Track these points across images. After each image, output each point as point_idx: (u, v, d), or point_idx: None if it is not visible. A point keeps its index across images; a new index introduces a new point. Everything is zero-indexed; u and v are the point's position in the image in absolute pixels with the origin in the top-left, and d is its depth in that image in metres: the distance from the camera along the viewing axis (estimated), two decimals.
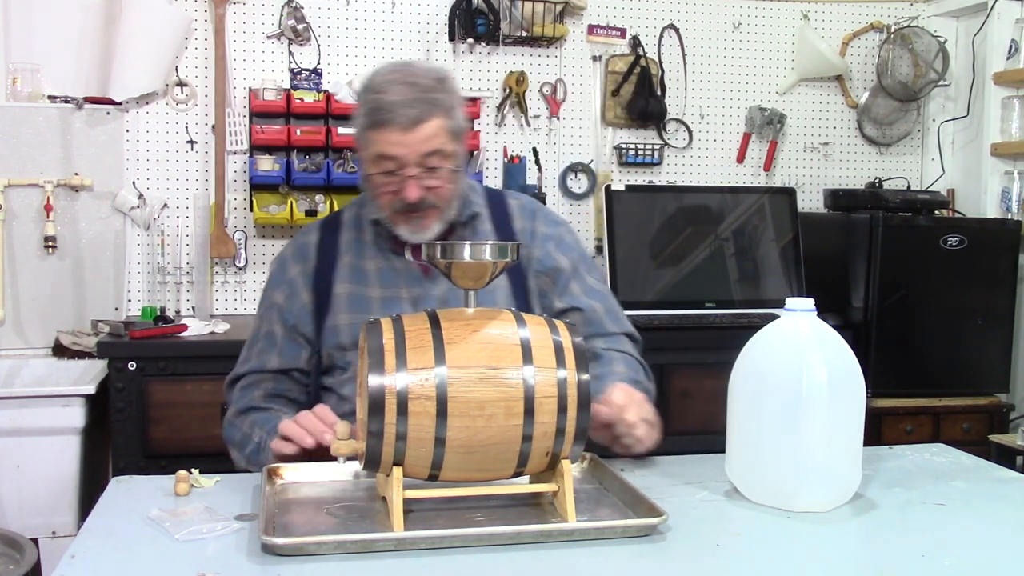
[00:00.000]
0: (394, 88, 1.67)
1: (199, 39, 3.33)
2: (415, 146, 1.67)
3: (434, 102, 1.68)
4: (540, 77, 3.61)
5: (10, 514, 2.70)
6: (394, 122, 1.66)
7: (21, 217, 3.16)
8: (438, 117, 1.68)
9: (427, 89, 1.68)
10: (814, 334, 1.43)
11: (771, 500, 1.43)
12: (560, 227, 1.94)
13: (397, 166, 1.69)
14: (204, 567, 1.17)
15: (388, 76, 1.71)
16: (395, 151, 1.67)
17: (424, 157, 1.68)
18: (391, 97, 1.66)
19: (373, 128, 1.68)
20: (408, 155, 1.68)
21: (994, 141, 3.64)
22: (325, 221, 1.94)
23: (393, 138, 1.67)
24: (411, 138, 1.66)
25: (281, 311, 1.85)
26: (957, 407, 3.34)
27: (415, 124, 1.66)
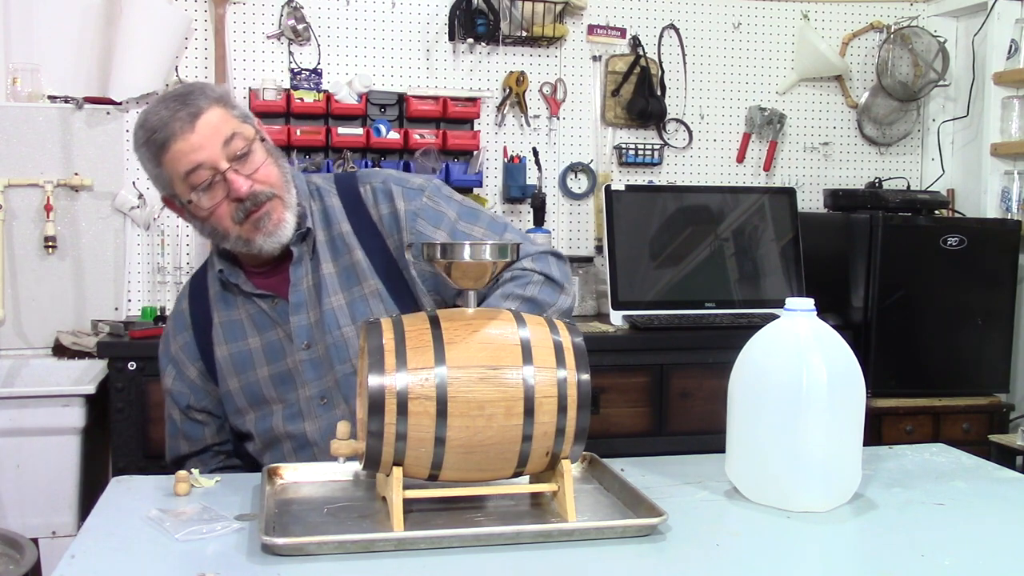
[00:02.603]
0: (158, 108, 1.59)
1: (199, 39, 3.33)
2: (208, 139, 1.57)
3: (201, 96, 1.59)
4: (540, 77, 3.61)
5: (10, 514, 2.70)
6: (173, 132, 1.56)
7: (21, 217, 3.16)
8: (212, 107, 1.59)
9: (187, 94, 1.60)
10: (814, 334, 1.43)
11: (771, 500, 1.43)
12: (423, 192, 1.74)
13: (207, 171, 1.58)
14: (204, 567, 1.17)
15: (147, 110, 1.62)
16: (192, 157, 1.57)
17: (225, 146, 1.58)
18: (158, 116, 1.58)
19: (161, 153, 1.58)
20: (207, 152, 1.57)
21: (994, 141, 3.64)
22: (192, 281, 1.84)
23: (182, 145, 1.56)
24: (200, 134, 1.57)
25: (172, 395, 1.80)
26: (957, 407, 3.34)
27: (194, 119, 1.57)
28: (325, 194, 1.77)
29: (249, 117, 1.67)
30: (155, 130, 1.58)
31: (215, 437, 1.81)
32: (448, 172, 3.36)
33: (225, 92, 1.66)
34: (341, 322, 1.69)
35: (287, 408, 1.71)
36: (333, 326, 1.69)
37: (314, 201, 1.75)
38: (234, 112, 1.63)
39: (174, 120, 1.56)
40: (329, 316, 1.70)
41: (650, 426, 3.12)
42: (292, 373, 1.71)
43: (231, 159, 1.59)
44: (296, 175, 1.75)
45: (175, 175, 1.59)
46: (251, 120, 1.66)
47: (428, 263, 1.36)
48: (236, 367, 1.73)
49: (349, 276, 1.72)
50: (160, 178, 1.63)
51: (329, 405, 1.69)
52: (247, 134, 1.62)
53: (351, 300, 1.70)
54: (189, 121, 1.56)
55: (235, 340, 1.74)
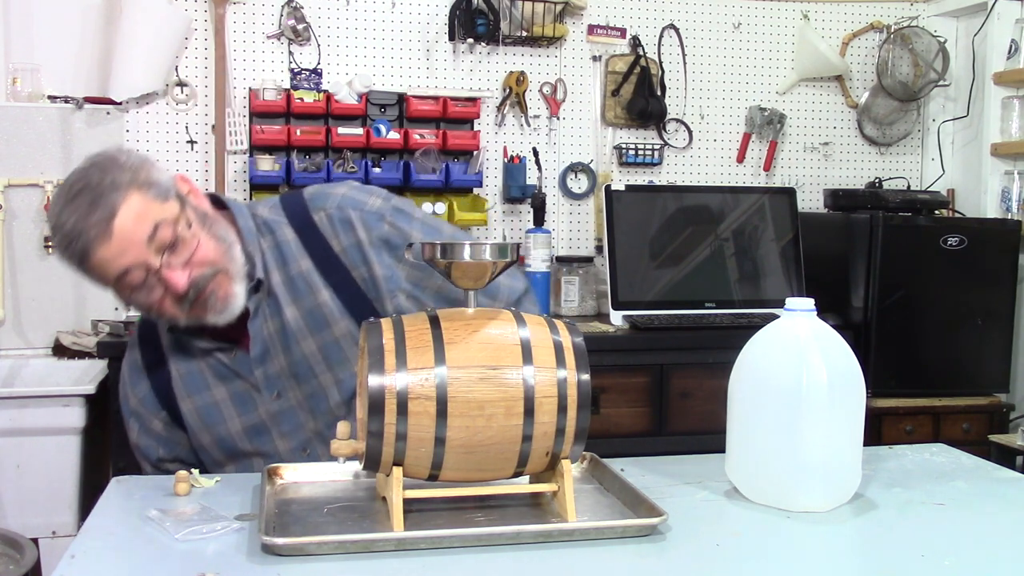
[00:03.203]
0: (67, 212, 1.43)
1: (199, 39, 3.33)
2: (131, 242, 1.43)
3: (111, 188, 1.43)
4: (540, 77, 3.61)
5: (10, 514, 2.70)
6: (90, 242, 1.42)
7: (21, 217, 3.16)
8: (127, 197, 1.43)
9: (95, 184, 1.44)
10: (814, 334, 1.43)
11: (771, 500, 1.43)
12: (384, 218, 1.62)
13: (141, 272, 1.45)
14: (204, 567, 1.17)
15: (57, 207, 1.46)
16: (118, 263, 1.44)
17: (151, 242, 1.44)
18: (69, 222, 1.42)
19: (83, 262, 1.45)
20: (136, 255, 1.44)
21: (994, 141, 3.64)
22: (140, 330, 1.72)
23: (104, 255, 1.43)
24: (118, 240, 1.42)
25: (140, 450, 1.72)
26: (957, 407, 3.34)
27: (109, 224, 1.41)
28: (275, 227, 1.63)
29: (169, 191, 1.49)
30: (70, 240, 1.43)
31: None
32: (448, 172, 3.36)
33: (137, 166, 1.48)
34: (316, 369, 1.60)
35: (268, 460, 1.60)
36: (308, 375, 1.60)
37: (264, 238, 1.61)
38: (153, 193, 1.46)
39: (88, 228, 1.41)
40: (302, 364, 1.60)
41: (650, 426, 3.12)
42: (267, 424, 1.63)
43: (161, 251, 1.45)
44: (239, 213, 1.62)
45: (105, 280, 1.48)
46: (172, 192, 1.50)
47: (429, 264, 1.36)
48: (205, 421, 1.64)
49: (316, 319, 1.60)
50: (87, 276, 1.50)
51: (313, 456, 1.62)
52: (171, 216, 1.46)
53: (323, 344, 1.59)
54: (104, 227, 1.41)
55: (198, 392, 1.64)
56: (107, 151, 1.52)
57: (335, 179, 3.26)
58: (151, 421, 1.70)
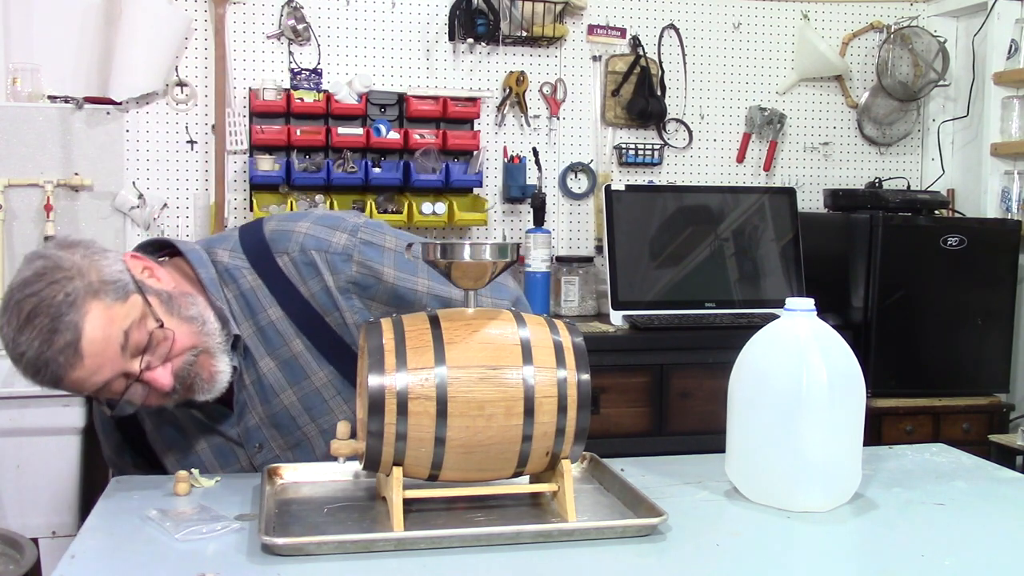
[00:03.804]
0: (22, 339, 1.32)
1: (199, 39, 3.33)
2: (104, 358, 1.34)
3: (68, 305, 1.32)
4: (540, 77, 3.61)
5: (10, 514, 2.70)
6: (61, 368, 1.32)
7: (21, 217, 3.16)
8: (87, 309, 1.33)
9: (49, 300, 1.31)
10: (814, 334, 1.43)
11: (771, 500, 1.43)
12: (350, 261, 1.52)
13: (121, 381, 1.38)
14: (204, 567, 1.17)
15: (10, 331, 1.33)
16: (96, 379, 1.36)
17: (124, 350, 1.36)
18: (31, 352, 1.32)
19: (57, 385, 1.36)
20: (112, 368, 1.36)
21: (994, 141, 3.64)
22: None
23: (80, 375, 1.34)
24: (91, 360, 1.33)
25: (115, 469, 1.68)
26: (957, 407, 3.34)
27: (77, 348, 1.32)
28: (238, 275, 1.53)
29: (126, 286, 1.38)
30: (37, 368, 1.33)
31: None
32: (448, 172, 3.36)
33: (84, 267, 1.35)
34: (299, 421, 1.56)
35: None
36: (292, 427, 1.56)
37: (227, 287, 1.52)
38: (111, 297, 1.35)
39: (54, 357, 1.32)
40: (283, 416, 1.55)
41: (650, 426, 3.12)
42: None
43: (138, 355, 1.37)
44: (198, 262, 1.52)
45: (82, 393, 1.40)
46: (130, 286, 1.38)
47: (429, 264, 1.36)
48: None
49: (293, 370, 1.53)
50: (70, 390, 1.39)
51: None
52: (137, 315, 1.36)
53: (303, 395, 1.54)
54: (72, 352, 1.32)
55: (177, 447, 1.58)
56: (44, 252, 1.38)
57: (335, 179, 3.26)
58: (127, 468, 1.66)
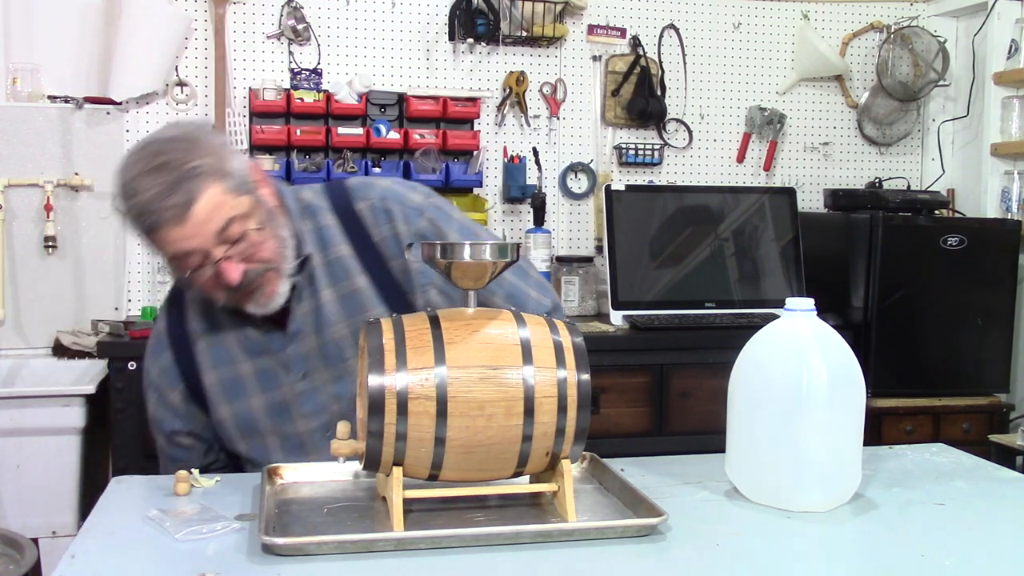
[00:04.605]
0: (144, 182, 1.45)
1: (199, 39, 3.33)
2: (201, 231, 1.45)
3: (194, 174, 1.45)
4: (540, 77, 3.61)
5: (10, 514, 2.71)
6: (162, 221, 1.44)
7: (21, 217, 3.16)
8: (208, 187, 1.45)
9: (180, 164, 1.45)
10: (814, 334, 1.43)
11: (771, 500, 1.43)
12: (424, 213, 1.66)
13: (200, 257, 1.48)
14: (204, 567, 1.17)
15: (133, 170, 1.47)
16: (183, 246, 1.46)
17: (218, 236, 1.47)
18: (145, 195, 1.44)
19: (147, 234, 1.47)
20: (199, 244, 1.46)
21: (994, 141, 3.64)
22: (168, 302, 1.73)
23: (172, 236, 1.45)
24: (190, 227, 1.44)
25: (155, 421, 1.72)
26: (957, 407, 3.34)
27: (185, 211, 1.43)
28: (318, 212, 1.65)
29: (244, 184, 1.52)
30: (141, 214, 1.45)
31: (201, 460, 1.70)
32: (448, 172, 3.36)
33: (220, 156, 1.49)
34: (347, 354, 1.61)
35: (285, 441, 1.64)
36: (337, 358, 1.62)
37: (306, 221, 1.64)
38: (230, 185, 1.48)
39: (163, 209, 1.43)
40: (332, 348, 1.61)
41: (650, 426, 3.12)
42: (289, 404, 1.63)
43: (223, 244, 1.48)
44: (285, 195, 1.64)
45: (161, 249, 1.50)
46: (246, 186, 1.52)
47: (429, 263, 1.36)
48: (227, 394, 1.65)
49: (351, 304, 1.62)
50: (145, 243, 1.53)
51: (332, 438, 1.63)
52: (243, 211, 1.49)
53: (354, 330, 1.60)
54: (180, 212, 1.44)
55: (224, 365, 1.65)
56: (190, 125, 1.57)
57: (335, 179, 3.25)
58: (169, 394, 1.69)
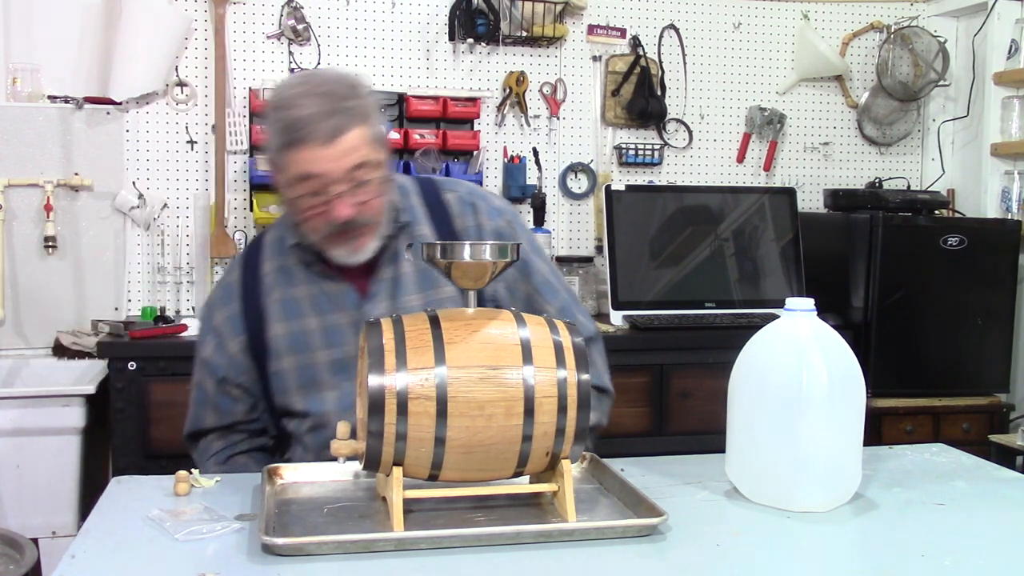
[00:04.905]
0: (305, 101, 1.54)
1: (199, 39, 3.33)
2: (338, 160, 1.54)
3: (351, 111, 1.56)
4: (540, 77, 3.61)
5: (10, 514, 2.70)
6: (311, 137, 1.53)
7: (21, 217, 3.16)
8: (358, 126, 1.56)
9: (342, 97, 1.56)
10: (814, 334, 1.43)
11: (771, 500, 1.43)
12: (503, 215, 1.79)
13: (322, 185, 1.56)
14: (204, 567, 1.17)
15: (296, 89, 1.58)
16: (317, 168, 1.54)
17: (350, 171, 1.56)
18: (304, 111, 1.53)
19: (289, 147, 1.55)
20: (332, 171, 1.55)
21: (994, 141, 3.64)
22: (246, 252, 1.81)
23: (313, 155, 1.53)
24: (332, 152, 1.54)
25: (209, 365, 1.75)
26: (957, 407, 3.34)
27: (334, 136, 1.53)
28: (406, 193, 1.76)
29: (383, 141, 1.63)
30: (292, 126, 1.54)
31: (245, 415, 1.75)
32: (448, 172, 3.36)
33: (374, 106, 1.61)
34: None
35: (343, 397, 1.67)
36: None
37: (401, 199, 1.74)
38: (374, 134, 1.59)
39: (316, 128, 1.52)
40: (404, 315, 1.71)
41: (650, 426, 3.12)
42: (350, 362, 1.66)
43: (348, 182, 1.57)
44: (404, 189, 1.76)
45: (291, 167, 1.57)
46: (384, 145, 1.63)
47: (429, 263, 1.36)
48: (294, 347, 1.69)
49: (427, 279, 1.71)
50: (276, 158, 1.60)
51: None
52: (375, 161, 1.59)
53: (427, 302, 1.69)
54: (329, 137, 1.53)
55: (293, 319, 1.70)
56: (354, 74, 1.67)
57: None
58: (230, 342, 1.73)
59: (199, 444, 1.80)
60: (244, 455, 1.78)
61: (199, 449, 1.80)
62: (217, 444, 1.78)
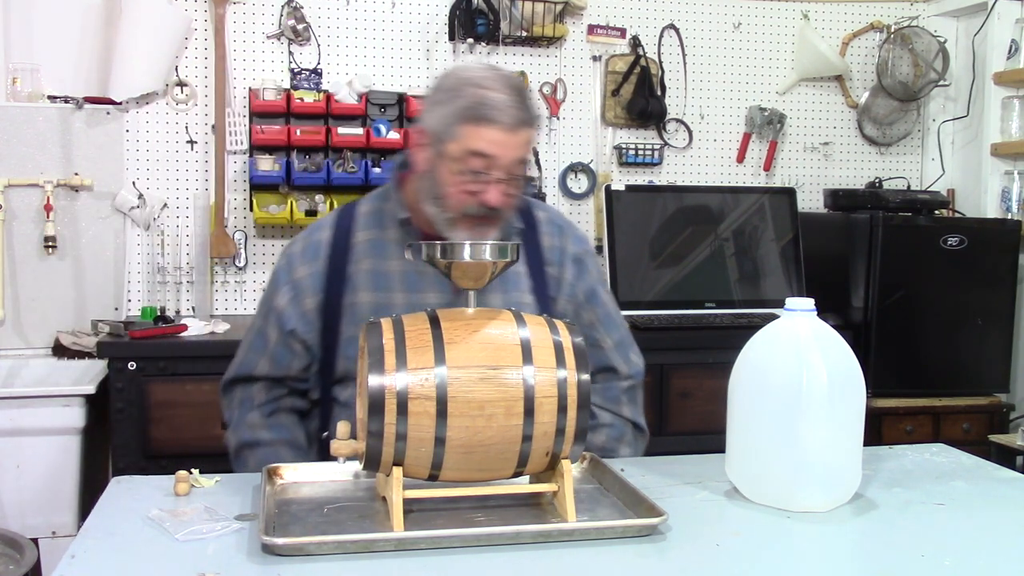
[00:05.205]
0: (499, 86, 1.62)
1: (199, 39, 3.33)
2: (513, 149, 1.62)
3: (532, 110, 1.66)
4: (540, 77, 3.61)
5: (10, 514, 2.71)
6: (499, 119, 1.60)
7: (21, 217, 3.16)
8: (533, 126, 1.66)
9: (526, 96, 1.66)
10: (814, 334, 1.43)
11: (771, 500, 1.43)
12: (585, 245, 1.92)
13: (487, 166, 1.62)
14: (204, 567, 1.17)
15: (486, 73, 1.65)
16: (494, 150, 1.61)
17: (516, 163, 1.64)
18: (498, 95, 1.61)
19: (474, 122, 1.60)
20: (505, 156, 1.62)
21: (994, 141, 3.64)
22: (339, 217, 1.83)
23: (496, 136, 1.60)
24: (513, 140, 1.61)
25: (280, 315, 1.77)
26: (957, 407, 3.34)
27: (518, 127, 1.62)
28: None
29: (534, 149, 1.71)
30: (484, 104, 1.60)
31: (299, 372, 1.78)
32: None
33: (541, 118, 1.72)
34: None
35: None
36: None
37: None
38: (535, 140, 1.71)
39: (505, 112, 1.60)
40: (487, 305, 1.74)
41: (650, 426, 3.11)
42: None
43: (509, 172, 1.64)
44: None
45: (467, 140, 1.61)
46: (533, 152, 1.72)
47: (429, 263, 1.36)
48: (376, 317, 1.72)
49: (509, 280, 1.77)
50: (449, 128, 1.63)
51: None
52: (529, 162, 1.70)
53: (503, 303, 1.74)
54: (515, 125, 1.61)
55: (381, 290, 1.74)
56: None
57: (335, 179, 3.26)
58: (306, 298, 1.76)
59: (237, 390, 1.81)
60: (285, 413, 1.79)
61: (236, 396, 1.80)
62: (261, 395, 1.78)
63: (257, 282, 3.37)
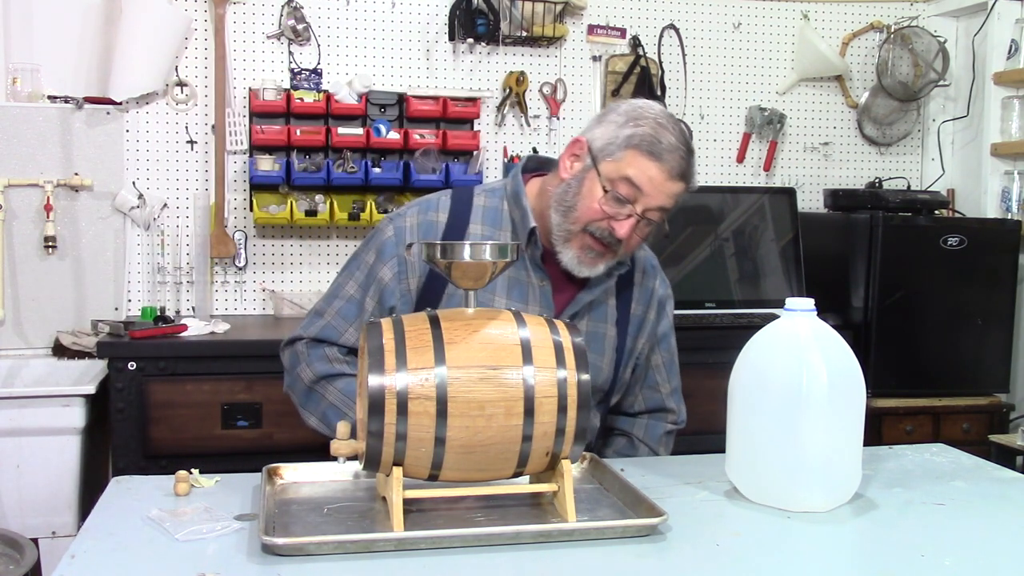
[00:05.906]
0: (675, 132, 1.67)
1: (199, 39, 3.33)
2: (663, 194, 1.66)
3: (693, 168, 1.70)
4: (540, 77, 3.61)
5: (10, 514, 2.71)
6: (665, 161, 1.65)
7: (21, 217, 3.16)
8: (687, 184, 1.69)
9: (693, 155, 1.70)
10: (814, 334, 1.43)
11: (771, 500, 1.43)
12: (669, 289, 1.99)
13: (633, 197, 1.66)
14: (204, 567, 1.17)
15: (668, 118, 1.69)
16: (647, 186, 1.65)
17: (658, 208, 1.68)
18: (672, 139, 1.66)
19: (644, 152, 1.65)
20: (652, 196, 1.66)
21: (994, 141, 3.64)
22: (456, 203, 1.83)
23: (656, 174, 1.65)
24: (667, 186, 1.66)
25: (383, 288, 1.76)
26: (957, 407, 3.34)
27: (677, 177, 1.66)
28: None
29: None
30: (659, 143, 1.65)
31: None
32: (448, 172, 3.36)
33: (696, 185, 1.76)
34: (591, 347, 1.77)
35: None
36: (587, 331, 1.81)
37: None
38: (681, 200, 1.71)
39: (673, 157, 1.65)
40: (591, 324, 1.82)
41: None
42: None
43: (648, 216, 1.68)
44: None
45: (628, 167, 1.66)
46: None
47: (429, 263, 1.36)
48: None
49: (598, 311, 1.84)
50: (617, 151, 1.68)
51: None
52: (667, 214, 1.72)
53: (590, 331, 1.82)
54: (676, 173, 1.66)
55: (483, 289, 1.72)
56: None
57: (335, 179, 3.26)
58: (411, 277, 1.76)
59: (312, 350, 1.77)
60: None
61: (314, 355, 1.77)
62: (339, 365, 1.76)
63: (257, 282, 3.37)
